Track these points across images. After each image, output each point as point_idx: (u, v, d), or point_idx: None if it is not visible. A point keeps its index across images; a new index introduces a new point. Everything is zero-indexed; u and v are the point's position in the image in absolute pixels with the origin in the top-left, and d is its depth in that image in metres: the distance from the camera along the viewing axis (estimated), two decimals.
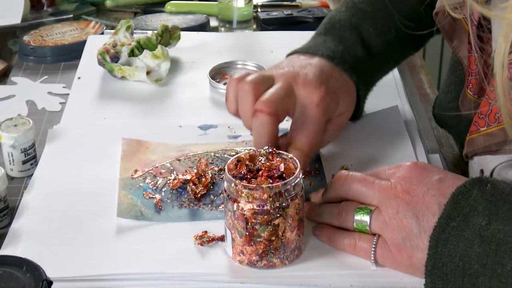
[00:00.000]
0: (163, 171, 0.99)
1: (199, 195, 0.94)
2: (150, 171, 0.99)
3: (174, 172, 0.99)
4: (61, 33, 1.39)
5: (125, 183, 0.97)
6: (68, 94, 1.22)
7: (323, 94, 0.95)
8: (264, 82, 0.95)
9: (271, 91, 0.93)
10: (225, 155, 1.03)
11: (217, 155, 1.03)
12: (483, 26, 0.86)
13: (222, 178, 0.97)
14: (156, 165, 1.01)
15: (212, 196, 0.95)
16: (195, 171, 0.98)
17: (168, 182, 0.97)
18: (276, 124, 0.92)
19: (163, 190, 0.96)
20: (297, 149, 0.93)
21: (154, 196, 0.95)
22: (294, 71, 0.97)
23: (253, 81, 0.94)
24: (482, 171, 0.94)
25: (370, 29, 1.06)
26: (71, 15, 1.51)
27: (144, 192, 0.95)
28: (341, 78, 1.00)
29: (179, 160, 1.02)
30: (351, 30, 1.05)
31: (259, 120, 0.92)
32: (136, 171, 0.99)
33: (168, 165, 1.01)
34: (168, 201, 0.95)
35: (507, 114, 0.78)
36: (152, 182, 0.97)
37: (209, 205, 0.94)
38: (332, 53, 1.01)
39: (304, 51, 1.02)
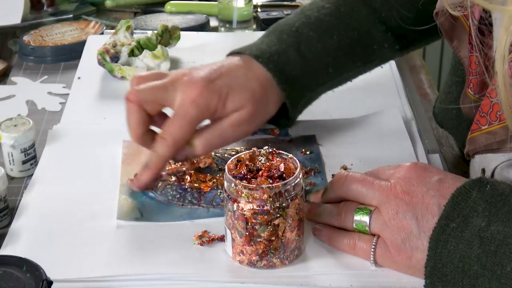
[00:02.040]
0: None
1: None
2: None
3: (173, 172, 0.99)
4: (61, 33, 1.39)
5: (125, 187, 0.97)
6: (68, 94, 1.22)
7: (199, 91, 0.95)
8: (151, 77, 0.98)
9: (147, 83, 0.97)
10: (225, 155, 1.03)
11: (217, 154, 1.03)
12: (484, 24, 0.86)
13: (222, 178, 0.97)
14: None
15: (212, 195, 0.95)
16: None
17: (169, 184, 0.97)
18: (141, 113, 0.95)
19: (163, 191, 0.96)
20: (161, 137, 0.95)
21: (154, 199, 0.95)
22: (189, 69, 0.99)
23: (140, 76, 0.99)
24: (483, 170, 0.93)
25: (311, 33, 1.04)
26: (71, 15, 1.51)
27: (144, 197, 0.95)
28: (253, 73, 1.00)
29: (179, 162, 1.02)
30: (290, 33, 1.05)
31: (126, 108, 0.96)
32: (136, 174, 0.99)
33: (168, 166, 1.01)
34: (169, 201, 0.94)
35: (508, 109, 0.78)
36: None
37: (209, 205, 0.94)
38: (259, 53, 1.02)
39: (236, 51, 1.04)
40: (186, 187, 0.97)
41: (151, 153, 0.96)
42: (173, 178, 0.98)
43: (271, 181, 0.82)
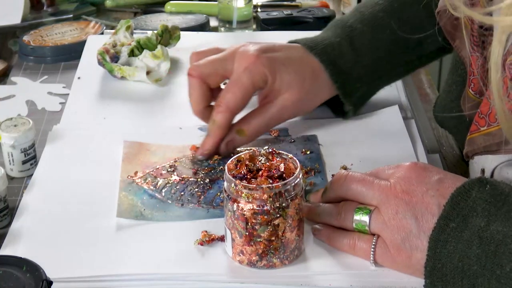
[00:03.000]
0: (163, 172, 0.99)
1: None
2: (151, 173, 0.99)
3: (175, 173, 0.99)
4: (61, 33, 1.39)
5: (125, 184, 0.97)
6: (68, 94, 1.22)
7: (252, 60, 0.99)
8: (210, 52, 1.03)
9: (206, 58, 1.01)
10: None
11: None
12: (485, 28, 0.86)
13: (222, 178, 0.97)
14: (157, 167, 1.01)
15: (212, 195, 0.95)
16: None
17: (169, 182, 0.97)
18: (202, 86, 1.00)
19: (163, 190, 0.96)
20: (217, 105, 0.99)
21: (154, 196, 0.95)
22: (246, 42, 1.02)
23: (198, 52, 1.04)
24: (483, 170, 0.94)
25: (364, 28, 1.08)
26: (71, 15, 1.51)
27: (144, 195, 0.96)
28: (306, 61, 1.03)
29: (180, 161, 1.02)
30: (344, 28, 1.08)
31: (188, 83, 1.01)
32: (136, 173, 0.99)
33: (169, 166, 1.01)
34: (169, 201, 0.95)
35: (503, 115, 0.78)
36: (153, 183, 0.97)
37: (209, 205, 0.94)
38: (313, 44, 1.06)
39: (292, 41, 1.08)
40: (187, 186, 0.97)
41: (210, 122, 1.00)
42: (173, 178, 0.98)
43: (271, 181, 0.82)
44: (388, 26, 1.08)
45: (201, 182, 0.98)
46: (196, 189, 0.96)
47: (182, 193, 0.96)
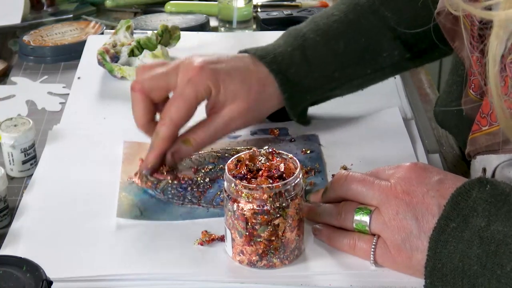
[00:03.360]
0: (164, 173, 0.99)
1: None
2: None
3: (174, 172, 0.99)
4: (61, 33, 1.39)
5: (125, 185, 0.97)
6: (68, 94, 1.22)
7: (196, 72, 0.97)
8: (156, 66, 1.00)
9: (149, 72, 0.99)
10: (226, 155, 1.03)
11: (218, 154, 1.03)
12: (486, 24, 0.86)
13: (222, 177, 0.97)
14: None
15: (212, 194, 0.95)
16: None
17: (169, 182, 0.97)
18: (145, 102, 0.97)
19: (163, 190, 0.96)
20: (161, 118, 0.97)
21: (154, 196, 0.95)
22: (192, 55, 1.00)
23: (144, 65, 1.01)
24: (484, 170, 0.93)
25: (317, 38, 1.05)
26: (71, 15, 1.51)
27: (144, 195, 0.96)
28: (253, 70, 1.01)
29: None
30: (297, 37, 1.06)
31: (131, 97, 0.98)
32: (137, 173, 0.99)
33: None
34: (169, 200, 0.95)
35: (501, 113, 0.78)
36: (153, 183, 0.97)
37: (209, 204, 0.94)
38: (264, 53, 1.04)
39: (243, 51, 1.05)
40: (187, 186, 0.97)
41: (154, 135, 0.97)
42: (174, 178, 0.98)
43: (271, 181, 0.82)
44: (342, 37, 1.06)
45: (201, 181, 0.98)
46: (196, 189, 0.96)
47: (182, 192, 0.96)
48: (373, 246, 0.82)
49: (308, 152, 1.04)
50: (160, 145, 0.97)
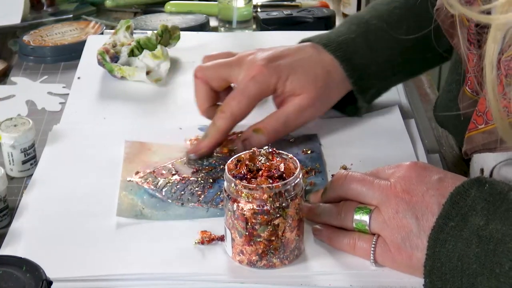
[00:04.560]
0: (164, 172, 0.99)
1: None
2: (151, 172, 0.99)
3: (176, 173, 0.99)
4: (61, 33, 1.39)
5: (126, 184, 0.97)
6: (68, 94, 1.22)
7: (259, 69, 1.00)
8: (220, 56, 1.06)
9: (213, 61, 1.04)
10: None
11: (218, 154, 1.03)
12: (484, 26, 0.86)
13: (222, 177, 0.97)
14: (158, 166, 1.01)
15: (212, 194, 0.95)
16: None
17: (169, 182, 0.97)
18: (206, 88, 1.03)
19: (164, 189, 0.96)
20: (220, 110, 1.00)
21: (154, 196, 0.95)
22: (256, 49, 1.04)
23: (210, 55, 1.07)
24: (482, 170, 0.94)
25: (379, 24, 1.07)
26: (71, 15, 1.51)
27: (144, 194, 0.96)
28: (317, 59, 1.04)
29: (181, 160, 1.02)
30: (360, 24, 1.08)
31: (194, 83, 1.05)
32: (137, 172, 0.99)
33: (170, 166, 1.01)
34: (169, 200, 0.95)
35: (497, 113, 0.78)
36: (153, 183, 0.97)
37: (209, 203, 0.94)
38: (328, 41, 1.06)
39: (306, 39, 1.09)
40: (187, 185, 0.97)
41: (211, 124, 1.01)
42: (174, 177, 0.98)
43: (271, 181, 0.82)
44: (404, 22, 1.07)
45: (201, 181, 0.98)
46: (197, 188, 0.96)
47: (183, 192, 0.96)
48: (373, 246, 0.82)
49: (309, 152, 1.04)
50: (216, 136, 1.01)
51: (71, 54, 1.34)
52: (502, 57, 0.79)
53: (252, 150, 0.86)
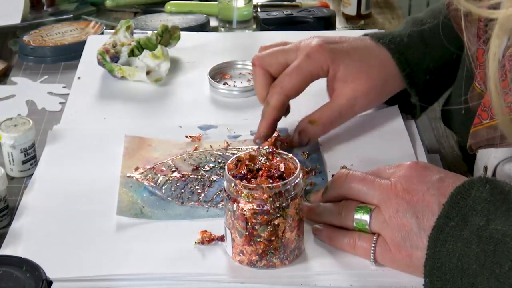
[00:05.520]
0: (164, 168, 1.00)
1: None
2: (151, 168, 0.99)
3: (175, 170, 0.99)
4: (61, 33, 1.39)
5: (126, 180, 0.97)
6: (68, 94, 1.22)
7: (315, 48, 1.01)
8: (278, 45, 1.06)
9: (270, 49, 1.05)
10: (226, 153, 1.03)
11: (218, 153, 1.03)
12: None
13: (222, 177, 0.97)
14: (158, 163, 1.01)
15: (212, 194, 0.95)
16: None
17: (169, 179, 0.97)
18: (266, 75, 1.03)
19: (164, 187, 0.96)
20: (272, 87, 1.01)
21: (154, 194, 0.95)
22: (311, 36, 1.04)
23: (266, 46, 1.07)
24: (485, 168, 0.93)
25: (435, 21, 1.07)
26: (71, 15, 1.51)
27: (144, 192, 0.96)
28: (373, 50, 1.04)
29: (181, 157, 1.02)
30: (415, 22, 1.09)
31: (253, 72, 1.05)
32: (137, 168, 0.99)
33: (170, 162, 1.01)
34: (169, 198, 0.95)
35: (499, 109, 0.78)
36: (153, 180, 0.97)
37: (209, 203, 0.94)
38: (382, 35, 1.06)
39: (363, 35, 1.09)
40: (187, 184, 0.97)
41: (265, 104, 1.02)
42: (174, 174, 0.98)
43: (271, 181, 0.82)
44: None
45: (202, 179, 0.98)
46: (197, 187, 0.96)
47: (182, 190, 0.96)
48: (373, 245, 0.82)
49: (308, 152, 1.03)
50: (271, 113, 1.01)
51: (71, 54, 1.34)
52: (507, 52, 0.79)
53: (252, 150, 0.86)
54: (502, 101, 0.78)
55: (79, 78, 1.26)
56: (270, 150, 0.86)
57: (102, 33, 1.40)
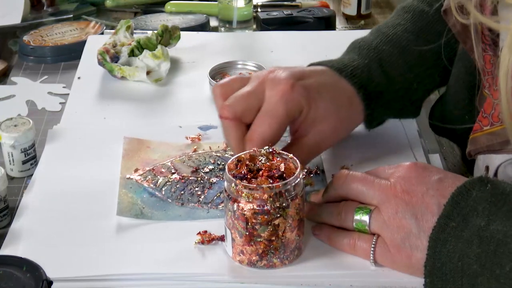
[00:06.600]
0: (163, 170, 1.00)
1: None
2: (151, 170, 0.99)
3: (175, 172, 0.99)
4: (61, 33, 1.39)
5: (126, 182, 0.97)
6: (68, 94, 1.22)
7: (287, 88, 0.91)
8: (235, 84, 0.94)
9: (234, 94, 0.92)
10: (226, 155, 1.03)
11: (217, 154, 1.03)
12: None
13: (221, 178, 0.97)
14: (157, 164, 1.01)
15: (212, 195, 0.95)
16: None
17: (169, 181, 0.97)
18: (239, 127, 0.91)
19: (164, 188, 0.96)
20: (249, 139, 0.90)
21: (154, 195, 0.95)
22: (271, 68, 0.95)
23: (222, 85, 0.94)
24: (487, 168, 0.93)
25: (391, 49, 1.02)
26: (71, 15, 1.51)
27: (144, 193, 0.96)
28: (340, 86, 0.97)
29: (180, 159, 1.02)
30: (370, 49, 1.02)
31: (223, 125, 0.92)
32: (136, 170, 0.99)
33: (169, 164, 1.01)
34: (169, 200, 0.95)
35: (509, 116, 0.77)
36: (153, 181, 0.97)
37: (209, 204, 0.94)
38: (342, 66, 0.99)
39: (316, 63, 1.01)
40: (187, 185, 0.97)
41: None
42: (173, 176, 0.98)
43: (271, 181, 0.82)
44: (415, 46, 1.02)
45: (201, 181, 0.98)
46: (196, 188, 0.96)
47: (182, 192, 0.96)
48: (372, 246, 0.82)
49: None
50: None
51: (71, 54, 1.34)
52: None
53: (252, 150, 0.86)
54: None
55: (79, 78, 1.26)
56: (271, 150, 0.86)
57: (102, 33, 1.40)
